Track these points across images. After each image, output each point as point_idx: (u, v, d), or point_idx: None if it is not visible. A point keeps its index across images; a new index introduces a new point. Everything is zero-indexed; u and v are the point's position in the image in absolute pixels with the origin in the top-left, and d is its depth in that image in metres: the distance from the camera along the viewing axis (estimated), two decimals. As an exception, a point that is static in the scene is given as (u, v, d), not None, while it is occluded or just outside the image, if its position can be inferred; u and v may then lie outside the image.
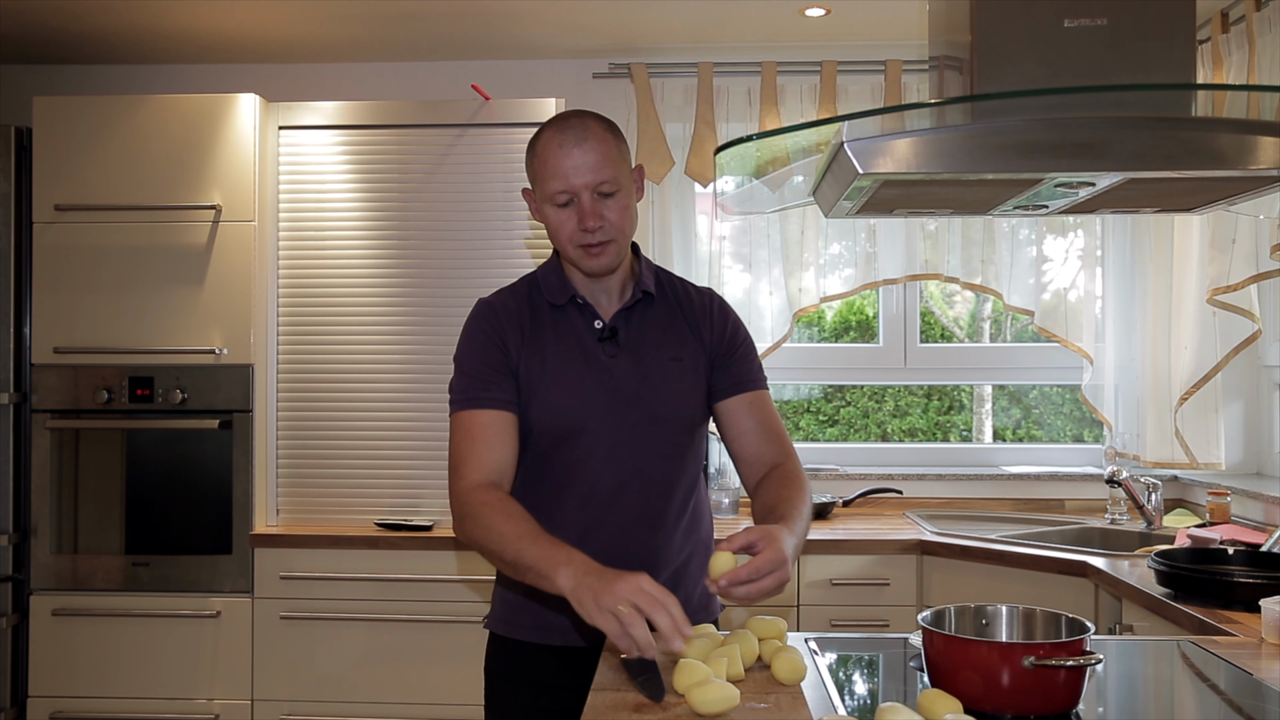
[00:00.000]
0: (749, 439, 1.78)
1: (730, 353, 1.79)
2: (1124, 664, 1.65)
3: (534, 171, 1.68)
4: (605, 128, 1.66)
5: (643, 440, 1.71)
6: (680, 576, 1.76)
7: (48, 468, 3.11)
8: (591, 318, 1.75)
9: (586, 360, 1.72)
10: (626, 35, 3.41)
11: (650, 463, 1.72)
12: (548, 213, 1.67)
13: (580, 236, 1.64)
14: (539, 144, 1.67)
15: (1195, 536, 2.55)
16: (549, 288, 1.75)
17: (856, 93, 3.46)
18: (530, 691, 1.76)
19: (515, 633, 1.78)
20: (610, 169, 1.63)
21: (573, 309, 1.75)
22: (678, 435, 1.75)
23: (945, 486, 3.50)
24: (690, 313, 1.79)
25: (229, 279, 3.09)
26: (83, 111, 3.12)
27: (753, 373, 1.81)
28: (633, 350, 1.74)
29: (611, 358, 1.72)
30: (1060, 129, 1.75)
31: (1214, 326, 3.13)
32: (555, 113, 3.11)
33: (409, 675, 3.01)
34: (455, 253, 3.16)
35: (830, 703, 1.39)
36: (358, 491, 3.17)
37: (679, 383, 1.74)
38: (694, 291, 1.84)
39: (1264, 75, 2.75)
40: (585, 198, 1.63)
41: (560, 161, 1.62)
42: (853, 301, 3.80)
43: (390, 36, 3.40)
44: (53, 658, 3.09)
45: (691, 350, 1.76)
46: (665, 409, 1.73)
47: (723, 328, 1.80)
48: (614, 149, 1.65)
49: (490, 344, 1.71)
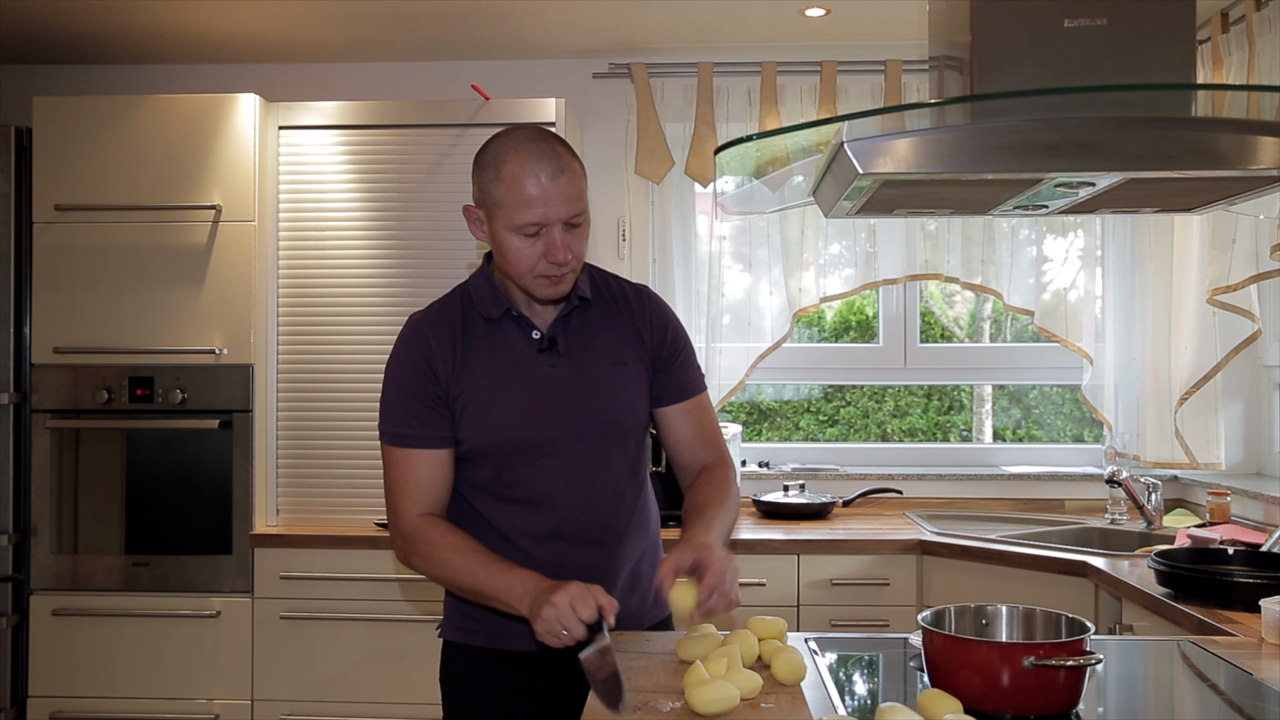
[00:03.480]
0: (685, 446, 1.79)
1: (671, 358, 1.77)
2: (1124, 664, 1.65)
3: (497, 195, 1.58)
4: (572, 155, 1.61)
5: (592, 449, 1.69)
6: (635, 578, 1.77)
7: (48, 468, 3.11)
8: (528, 329, 1.70)
9: (525, 374, 1.68)
10: (626, 35, 3.41)
11: (601, 472, 1.70)
12: (508, 240, 1.59)
13: (545, 267, 1.59)
14: (505, 168, 1.57)
15: (1195, 536, 2.55)
16: (481, 300, 1.70)
17: (856, 93, 3.46)
18: (490, 697, 1.75)
19: (471, 639, 1.77)
20: (580, 201, 1.59)
21: (508, 321, 1.70)
22: (626, 441, 1.73)
23: (945, 486, 3.50)
24: (629, 313, 1.76)
25: (229, 279, 3.09)
26: (83, 111, 3.12)
27: (693, 377, 1.80)
28: (574, 358, 1.70)
29: (553, 368, 1.68)
30: (1060, 129, 1.75)
31: (1214, 326, 3.13)
32: (555, 113, 3.13)
33: (409, 675, 3.01)
34: (455, 253, 3.16)
35: (830, 703, 1.39)
36: (358, 491, 3.17)
37: (624, 386, 1.72)
38: (630, 290, 1.79)
39: (1264, 75, 2.75)
40: (556, 231, 1.57)
41: (535, 193, 1.55)
42: (853, 301, 3.80)
43: (390, 36, 3.40)
44: (53, 658, 3.09)
45: (634, 352, 1.74)
46: (613, 415, 1.70)
47: (662, 331, 1.77)
48: (582, 179, 1.61)
49: (419, 373, 1.67)
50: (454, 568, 1.61)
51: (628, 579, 1.75)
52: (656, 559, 1.82)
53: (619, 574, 1.73)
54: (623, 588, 1.74)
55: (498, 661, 1.74)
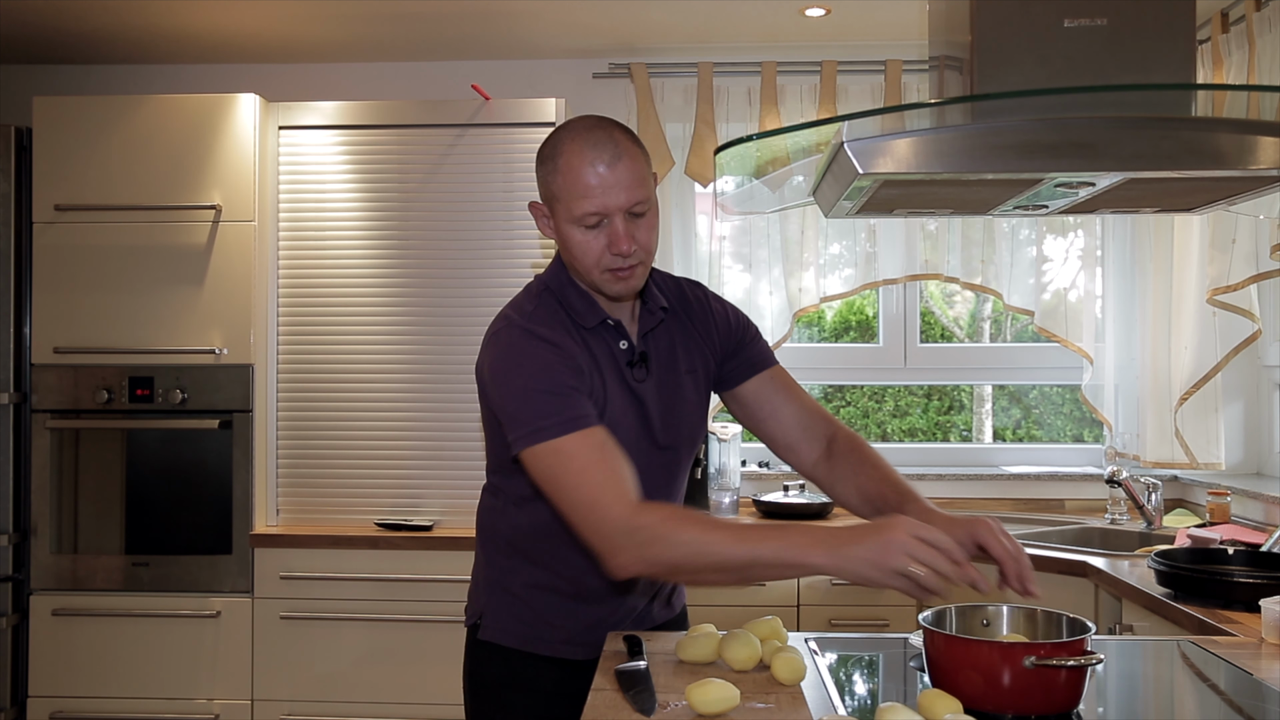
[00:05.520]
0: (784, 414, 1.71)
1: (741, 340, 1.75)
2: (1124, 664, 1.65)
3: (555, 188, 1.53)
4: (633, 141, 1.55)
5: (658, 464, 1.66)
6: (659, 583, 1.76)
7: (48, 468, 3.11)
8: (618, 339, 1.64)
9: (623, 387, 1.62)
10: (626, 35, 3.41)
11: (671, 484, 1.69)
12: (571, 233, 1.54)
13: (611, 260, 1.53)
14: (563, 158, 1.52)
15: (1195, 536, 2.55)
16: (576, 309, 1.61)
17: (856, 93, 3.46)
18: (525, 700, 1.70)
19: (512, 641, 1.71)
20: (643, 188, 1.52)
21: (603, 331, 1.63)
22: (687, 455, 1.72)
23: (945, 486, 3.50)
24: (692, 316, 1.73)
25: (229, 279, 3.09)
26: (83, 111, 3.12)
27: (765, 350, 1.77)
28: (657, 372, 1.67)
29: (640, 383, 1.64)
30: (1060, 129, 1.75)
31: (1214, 326, 3.13)
32: (555, 113, 3.13)
33: (409, 675, 3.01)
34: (455, 253, 3.16)
35: (830, 703, 1.39)
36: (358, 491, 3.17)
37: (696, 398, 1.70)
38: (688, 288, 1.76)
39: (1264, 75, 2.75)
40: (618, 220, 1.51)
41: (591, 181, 1.49)
42: (853, 301, 3.80)
43: (390, 36, 3.40)
44: (53, 658, 3.09)
45: (704, 358, 1.72)
46: (690, 428, 1.69)
47: (725, 320, 1.75)
48: (644, 165, 1.54)
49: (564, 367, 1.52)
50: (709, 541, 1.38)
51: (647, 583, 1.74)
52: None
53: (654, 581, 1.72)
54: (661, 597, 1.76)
55: (535, 665, 1.70)
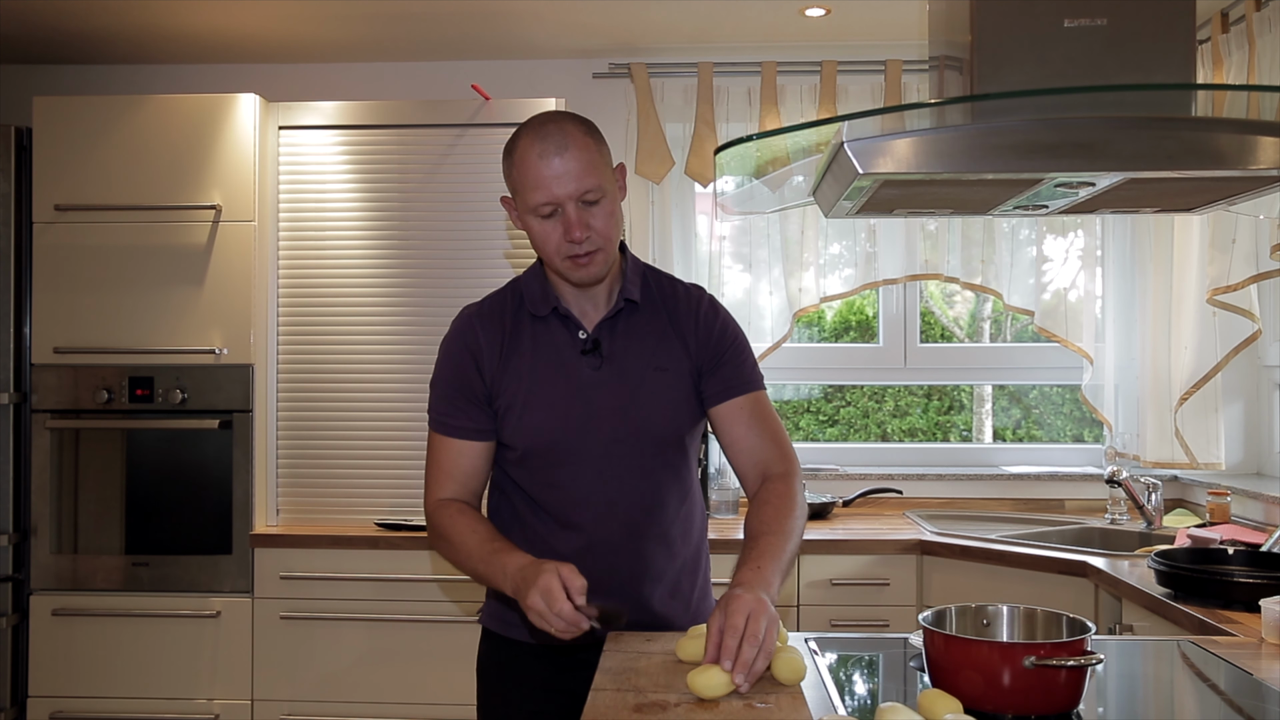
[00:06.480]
0: (741, 446, 1.72)
1: (718, 355, 1.72)
2: (1124, 664, 1.65)
3: (513, 181, 1.62)
4: (585, 131, 1.59)
5: (630, 456, 1.68)
6: (676, 585, 1.76)
7: (48, 468, 3.11)
8: (575, 329, 1.69)
9: (567, 376, 1.67)
10: (626, 35, 3.41)
11: (638, 479, 1.69)
12: (531, 224, 1.61)
13: (567, 248, 1.59)
14: (516, 152, 1.60)
15: (1195, 536, 2.56)
16: (530, 297, 1.70)
17: (856, 93, 3.46)
18: (518, 691, 1.75)
19: (508, 631, 1.77)
20: (593, 176, 1.57)
21: (555, 320, 1.69)
22: (666, 449, 1.71)
23: (945, 486, 3.50)
24: (676, 317, 1.73)
25: (229, 279, 3.09)
26: (83, 111, 3.12)
27: (744, 375, 1.72)
28: (616, 362, 1.68)
29: (595, 371, 1.67)
30: (1060, 129, 1.75)
31: (1214, 326, 3.13)
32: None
33: (409, 675, 3.01)
34: (455, 253, 3.16)
35: (830, 703, 1.39)
36: (358, 491, 3.17)
37: (665, 394, 1.69)
38: (682, 292, 1.76)
39: (1264, 75, 2.75)
40: (570, 208, 1.57)
41: (541, 171, 1.56)
42: (853, 301, 3.80)
43: (390, 36, 3.40)
44: (53, 658, 3.09)
45: (677, 359, 1.70)
46: (652, 423, 1.68)
47: (709, 329, 1.72)
48: (595, 154, 1.58)
49: (464, 367, 1.69)
50: (458, 548, 1.64)
51: (668, 586, 1.74)
52: (699, 567, 1.81)
53: (659, 581, 1.72)
54: (661, 595, 1.74)
55: (529, 657, 1.74)
